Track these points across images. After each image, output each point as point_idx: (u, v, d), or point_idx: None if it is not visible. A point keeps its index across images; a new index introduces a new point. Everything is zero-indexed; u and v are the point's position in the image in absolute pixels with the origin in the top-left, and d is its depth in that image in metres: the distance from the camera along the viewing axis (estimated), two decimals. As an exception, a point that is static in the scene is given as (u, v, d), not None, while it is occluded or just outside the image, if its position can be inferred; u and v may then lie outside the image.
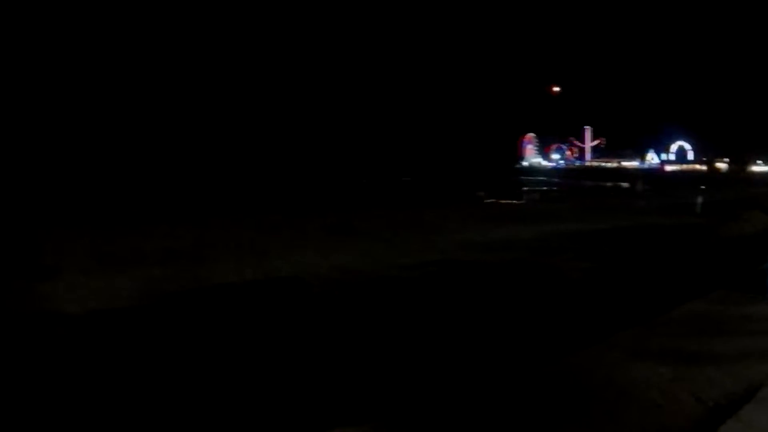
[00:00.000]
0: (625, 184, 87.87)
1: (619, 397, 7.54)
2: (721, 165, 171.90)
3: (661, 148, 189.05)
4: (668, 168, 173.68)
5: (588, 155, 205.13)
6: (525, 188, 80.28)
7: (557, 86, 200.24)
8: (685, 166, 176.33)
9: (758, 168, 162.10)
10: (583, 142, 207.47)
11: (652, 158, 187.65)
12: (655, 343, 9.61)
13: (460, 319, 11.12)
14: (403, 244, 20.58)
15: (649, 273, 15.84)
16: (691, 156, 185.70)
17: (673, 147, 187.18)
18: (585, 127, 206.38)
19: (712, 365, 8.59)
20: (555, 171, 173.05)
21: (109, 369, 8.69)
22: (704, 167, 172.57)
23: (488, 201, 50.93)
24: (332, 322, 11.00)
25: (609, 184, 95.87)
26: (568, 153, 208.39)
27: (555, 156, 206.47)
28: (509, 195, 53.54)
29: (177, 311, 11.84)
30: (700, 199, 37.62)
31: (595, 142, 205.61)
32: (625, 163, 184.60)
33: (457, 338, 10.06)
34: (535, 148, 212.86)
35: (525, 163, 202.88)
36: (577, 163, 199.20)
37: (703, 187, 68.98)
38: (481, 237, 22.30)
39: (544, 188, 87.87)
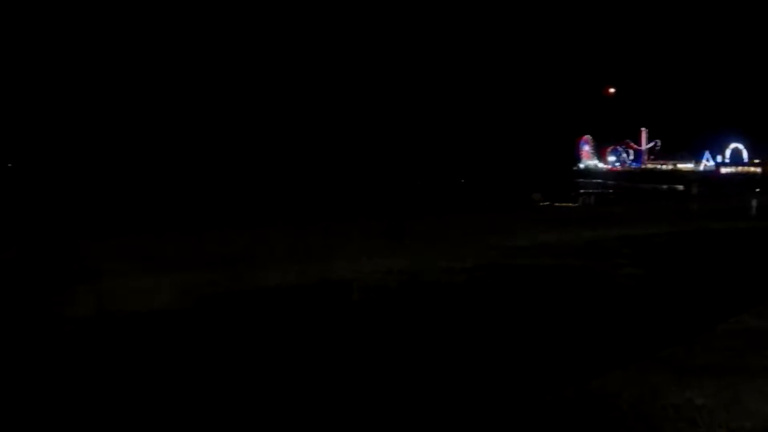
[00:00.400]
0: (679, 187, 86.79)
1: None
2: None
3: (717, 150, 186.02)
4: (723, 170, 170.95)
5: (644, 157, 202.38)
6: (581, 191, 79.66)
7: (613, 87, 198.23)
8: (740, 168, 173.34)
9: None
10: (639, 144, 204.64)
11: (707, 160, 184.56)
12: (698, 362, 8.69)
13: (495, 329, 10.81)
14: (452, 248, 20.61)
15: (701, 281, 15.27)
16: (746, 158, 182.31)
17: (728, 149, 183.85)
18: (641, 128, 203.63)
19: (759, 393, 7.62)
20: (611, 173, 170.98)
21: (96, 375, 8.71)
22: (758, 169, 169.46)
23: (543, 204, 50.67)
24: (363, 330, 10.85)
25: (664, 186, 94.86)
26: (623, 155, 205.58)
27: (611, 158, 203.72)
28: (564, 198, 53.26)
29: (209, 315, 11.97)
30: (754, 203, 37.03)
31: (650, 144, 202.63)
32: (681, 166, 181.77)
33: (485, 350, 9.65)
34: (592, 150, 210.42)
35: (581, 166, 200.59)
36: (633, 166, 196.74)
37: (758, 189, 68.01)
38: (532, 241, 22.30)
39: (600, 191, 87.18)
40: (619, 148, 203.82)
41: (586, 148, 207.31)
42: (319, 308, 12.37)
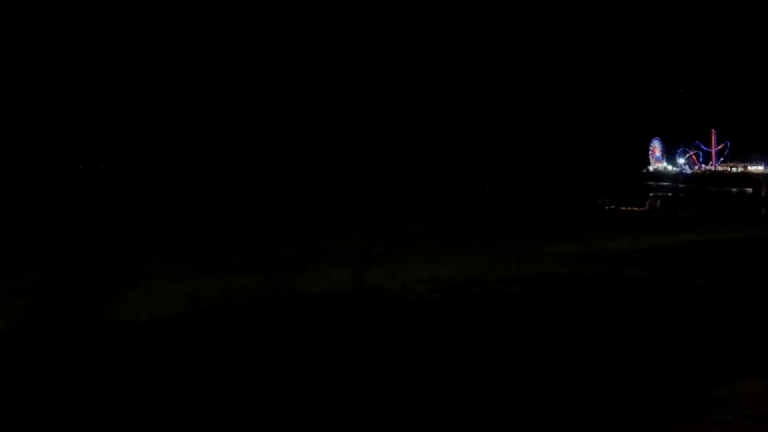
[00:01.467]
0: (749, 190, 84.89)
1: None
2: None
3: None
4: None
5: (713, 160, 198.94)
6: (650, 194, 78.50)
7: (682, 88, 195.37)
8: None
9: None
10: (708, 146, 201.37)
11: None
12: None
13: (527, 350, 10.38)
14: (510, 255, 20.32)
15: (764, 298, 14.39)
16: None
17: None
18: (711, 130, 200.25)
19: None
20: (680, 176, 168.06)
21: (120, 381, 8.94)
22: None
23: (609, 208, 50.02)
24: (384, 345, 10.67)
25: (734, 190, 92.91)
26: (693, 158, 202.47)
27: (680, 161, 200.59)
28: (631, 201, 52.54)
29: (243, 322, 12.04)
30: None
31: (720, 146, 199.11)
32: (751, 168, 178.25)
33: (504, 375, 9.21)
34: (661, 152, 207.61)
35: (650, 168, 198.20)
36: (703, 168, 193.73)
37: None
38: (593, 248, 21.91)
39: (668, 194, 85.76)
40: (689, 150, 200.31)
41: (656, 151, 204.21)
42: (348, 319, 12.23)
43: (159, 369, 9.43)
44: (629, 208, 49.00)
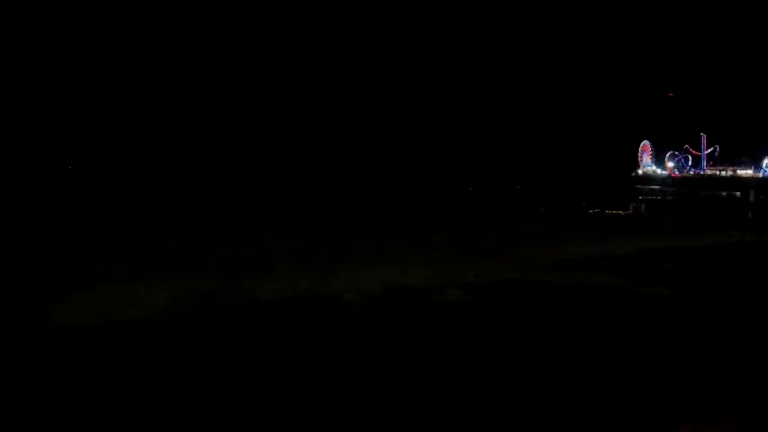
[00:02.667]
0: (737, 194, 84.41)
1: None
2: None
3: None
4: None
5: (703, 163, 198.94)
6: (639, 197, 78.11)
7: (672, 92, 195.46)
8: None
9: None
10: (698, 149, 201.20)
11: (767, 166, 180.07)
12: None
13: (461, 366, 9.51)
14: (481, 260, 19.68)
15: (745, 310, 13.16)
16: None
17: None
18: (701, 134, 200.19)
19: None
20: (670, 180, 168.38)
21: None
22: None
23: (594, 211, 49.45)
24: (330, 352, 10.16)
25: (723, 194, 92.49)
26: (682, 161, 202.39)
27: (670, 164, 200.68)
28: (616, 205, 51.87)
29: (194, 326, 11.64)
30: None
31: (710, 150, 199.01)
32: (741, 172, 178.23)
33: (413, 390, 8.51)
34: (651, 156, 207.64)
35: (639, 172, 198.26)
36: (692, 172, 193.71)
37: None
38: (571, 253, 21.19)
39: (655, 198, 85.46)
40: (679, 154, 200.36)
41: (645, 155, 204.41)
42: (296, 325, 11.72)
43: (81, 376, 8.92)
44: (614, 211, 48.38)
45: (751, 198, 66.48)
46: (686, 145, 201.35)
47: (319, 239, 25.91)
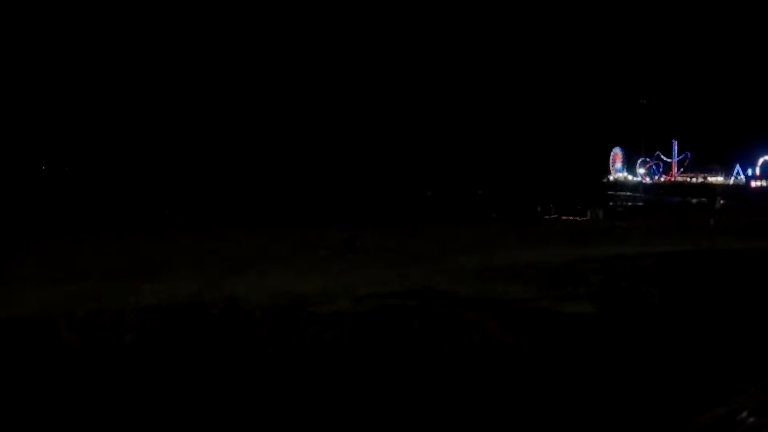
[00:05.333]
0: (704, 200, 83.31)
1: None
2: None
3: (748, 163, 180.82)
4: (754, 184, 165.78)
5: (674, 170, 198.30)
6: (609, 203, 76.87)
7: (644, 98, 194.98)
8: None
9: None
10: (669, 156, 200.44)
11: (737, 174, 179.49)
12: None
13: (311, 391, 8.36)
14: (400, 267, 18.38)
15: (674, 329, 11.44)
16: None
17: (760, 162, 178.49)
18: (672, 140, 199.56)
19: None
20: (640, 186, 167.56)
21: None
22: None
23: (549, 217, 47.70)
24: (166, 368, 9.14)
25: (693, 200, 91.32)
26: (654, 168, 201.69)
27: (641, 170, 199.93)
28: (573, 211, 50.02)
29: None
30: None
31: (681, 157, 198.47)
32: (711, 179, 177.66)
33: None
34: (622, 162, 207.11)
35: (611, 178, 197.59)
36: (663, 178, 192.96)
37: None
38: (497, 261, 19.55)
39: (624, 204, 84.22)
40: (650, 160, 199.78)
41: (616, 161, 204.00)
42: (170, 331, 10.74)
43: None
44: (571, 217, 46.60)
45: (717, 205, 65.39)
46: (657, 152, 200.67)
47: (242, 242, 25.10)
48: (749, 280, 16.43)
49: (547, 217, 47.94)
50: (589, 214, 47.28)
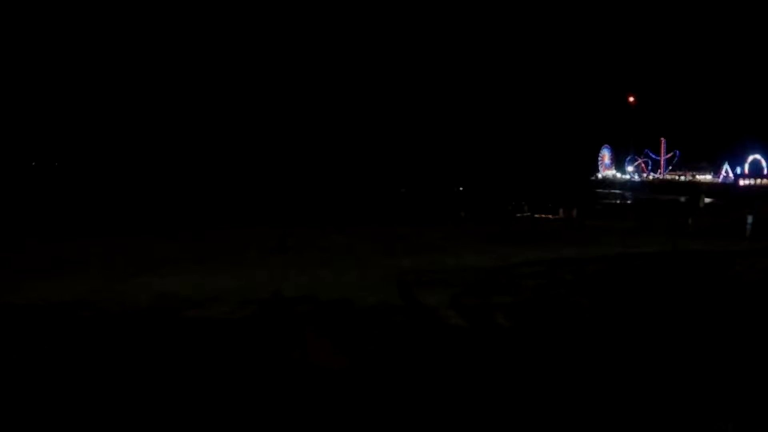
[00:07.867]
0: (682, 199, 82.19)
1: None
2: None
3: (737, 161, 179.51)
4: (742, 182, 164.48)
5: (663, 168, 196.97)
6: (595, 201, 75.58)
7: (633, 96, 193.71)
8: (760, 181, 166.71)
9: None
10: (658, 154, 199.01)
11: (726, 172, 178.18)
12: None
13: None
14: (328, 269, 17.42)
15: (584, 352, 9.85)
16: (766, 169, 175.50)
17: (748, 160, 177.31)
18: (661, 138, 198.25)
19: None
20: (628, 184, 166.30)
21: None
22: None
23: (521, 215, 46.00)
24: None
25: (682, 199, 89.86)
26: (642, 166, 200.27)
27: (629, 168, 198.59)
28: (546, 209, 48.27)
29: None
30: (750, 219, 31.43)
31: (669, 155, 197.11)
32: (699, 177, 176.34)
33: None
34: (610, 160, 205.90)
35: (599, 176, 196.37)
36: (652, 176, 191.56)
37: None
38: (436, 263, 18.41)
39: (599, 201, 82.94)
40: (639, 158, 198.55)
41: (605, 158, 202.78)
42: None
43: None
44: (543, 216, 44.79)
45: (701, 204, 63.54)
46: (646, 150, 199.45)
47: (167, 239, 23.86)
48: (699, 287, 15.02)
49: (519, 215, 46.46)
50: (561, 212, 45.42)
